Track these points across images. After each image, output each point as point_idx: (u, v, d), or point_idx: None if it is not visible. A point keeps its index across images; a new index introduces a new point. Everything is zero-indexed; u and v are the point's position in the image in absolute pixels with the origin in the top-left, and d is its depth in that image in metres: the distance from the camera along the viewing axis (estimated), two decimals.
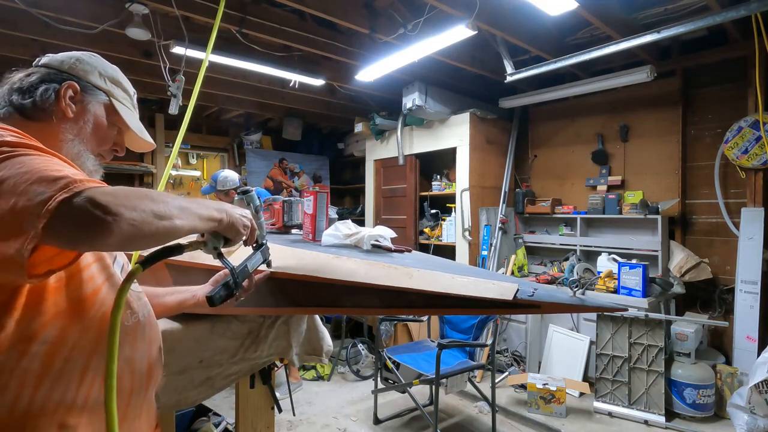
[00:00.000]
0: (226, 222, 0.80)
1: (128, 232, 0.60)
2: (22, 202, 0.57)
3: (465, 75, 4.15)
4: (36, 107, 0.81)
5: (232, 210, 0.82)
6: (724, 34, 3.17)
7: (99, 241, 0.60)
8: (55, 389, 0.67)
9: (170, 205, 0.67)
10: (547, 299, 0.90)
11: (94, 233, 0.58)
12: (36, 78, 0.84)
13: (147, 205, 0.62)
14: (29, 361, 0.66)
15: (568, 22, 3.17)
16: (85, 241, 0.60)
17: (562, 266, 3.79)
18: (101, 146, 0.90)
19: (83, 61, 0.90)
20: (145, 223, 0.62)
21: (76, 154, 0.84)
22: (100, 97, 0.89)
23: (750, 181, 3.09)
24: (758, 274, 2.95)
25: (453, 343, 2.73)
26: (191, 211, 0.71)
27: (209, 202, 0.80)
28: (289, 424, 2.87)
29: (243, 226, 0.84)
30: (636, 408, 2.95)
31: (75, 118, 0.84)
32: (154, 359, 0.87)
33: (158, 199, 0.65)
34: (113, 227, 0.58)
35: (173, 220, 0.66)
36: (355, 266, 1.19)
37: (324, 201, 1.67)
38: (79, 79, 0.87)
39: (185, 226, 0.69)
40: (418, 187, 4.55)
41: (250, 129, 5.46)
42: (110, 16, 2.73)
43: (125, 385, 0.77)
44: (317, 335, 1.38)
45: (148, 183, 4.83)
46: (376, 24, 3.03)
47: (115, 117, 0.91)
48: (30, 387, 0.65)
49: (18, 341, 0.65)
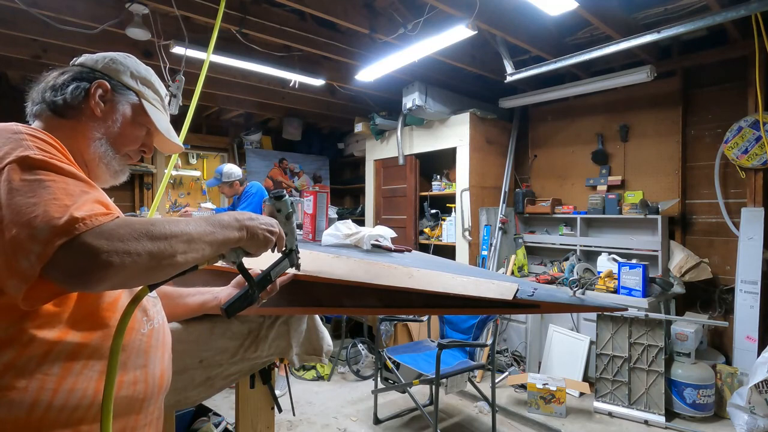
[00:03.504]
0: (246, 239, 0.78)
1: (120, 278, 0.61)
2: (23, 235, 0.58)
3: (465, 75, 4.15)
4: (67, 105, 0.82)
5: (254, 223, 0.79)
6: (724, 34, 3.17)
7: (91, 287, 0.61)
8: (73, 394, 0.67)
9: (174, 242, 0.66)
10: (547, 299, 0.90)
11: (84, 279, 0.59)
12: (68, 76, 0.84)
13: (144, 247, 0.62)
14: (49, 365, 0.66)
15: (568, 22, 3.17)
16: (77, 286, 0.62)
17: (562, 266, 3.79)
18: (129, 146, 0.90)
19: (116, 61, 0.90)
20: (138, 266, 0.61)
21: (102, 153, 0.84)
22: (131, 97, 0.89)
23: (750, 181, 3.09)
24: (758, 274, 2.94)
25: (453, 343, 2.73)
26: (203, 240, 0.70)
27: (230, 220, 0.77)
28: (289, 424, 2.87)
29: (267, 239, 0.81)
30: (636, 408, 2.95)
31: (103, 117, 0.85)
32: (166, 365, 0.87)
33: (160, 235, 0.64)
34: (103, 275, 0.59)
35: (175, 257, 0.66)
36: (355, 266, 1.19)
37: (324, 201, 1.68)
38: (111, 78, 0.87)
39: (190, 260, 0.69)
40: (418, 187, 4.55)
41: (250, 129, 5.46)
42: (110, 16, 2.73)
43: (139, 393, 0.77)
44: (317, 335, 1.38)
45: (148, 183, 4.84)
46: (376, 24, 3.03)
47: (144, 118, 0.90)
48: (49, 391, 0.65)
49: (38, 346, 0.66)
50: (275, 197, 0.90)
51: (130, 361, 0.76)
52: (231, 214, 0.78)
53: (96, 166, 0.85)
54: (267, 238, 0.81)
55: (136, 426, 0.77)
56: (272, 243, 0.83)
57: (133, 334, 0.77)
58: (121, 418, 0.73)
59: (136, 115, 0.89)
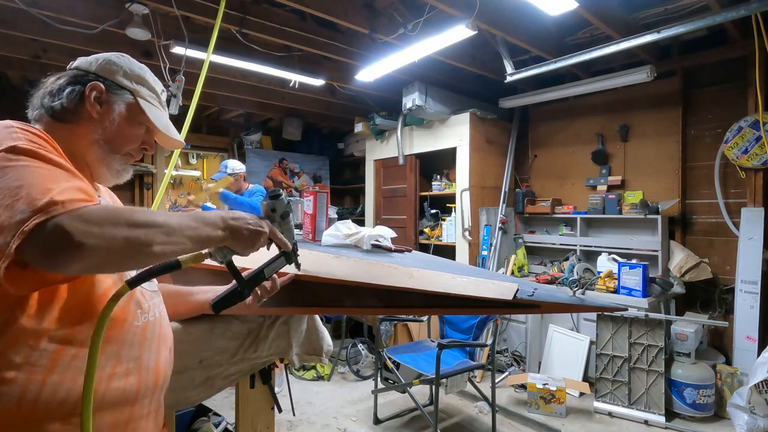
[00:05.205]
0: (231, 238, 0.78)
1: (92, 260, 0.61)
2: (3, 216, 0.60)
3: (465, 75, 4.15)
4: (64, 109, 0.83)
5: (239, 223, 0.79)
6: (724, 34, 3.17)
7: (62, 268, 0.61)
8: (62, 385, 0.68)
9: (154, 231, 0.66)
10: (547, 299, 0.91)
11: (56, 260, 0.60)
12: (64, 80, 0.85)
13: (120, 233, 0.63)
14: (38, 356, 0.67)
15: (568, 22, 3.17)
16: (50, 266, 0.61)
17: (562, 266, 3.79)
18: (128, 145, 0.90)
19: (110, 62, 0.90)
20: (113, 251, 0.62)
21: (102, 155, 0.86)
22: (126, 97, 0.89)
23: (750, 181, 3.09)
24: (758, 274, 2.94)
25: (453, 343, 2.73)
26: (184, 233, 0.70)
27: (215, 218, 0.77)
28: (289, 424, 2.87)
29: (252, 239, 0.81)
30: (636, 408, 2.95)
31: (100, 119, 0.85)
32: (164, 360, 0.86)
33: (140, 223, 0.65)
34: (75, 255, 0.59)
35: (152, 247, 0.66)
36: (355, 266, 1.19)
37: (324, 201, 1.68)
38: (105, 79, 0.88)
39: (168, 252, 0.69)
40: (418, 187, 4.55)
41: (250, 129, 5.46)
42: (110, 16, 2.73)
43: (131, 385, 0.77)
44: (317, 335, 1.38)
45: (148, 183, 4.84)
46: (376, 24, 3.03)
47: (141, 116, 0.90)
48: (37, 383, 0.66)
49: (29, 336, 0.66)
50: (271, 197, 0.90)
51: (123, 352, 0.76)
52: (218, 213, 0.78)
53: (98, 167, 0.86)
54: (252, 238, 0.81)
55: (131, 418, 0.77)
56: (259, 243, 0.83)
57: (126, 326, 0.77)
58: (114, 410, 0.73)
59: (133, 113, 0.89)
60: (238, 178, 3.86)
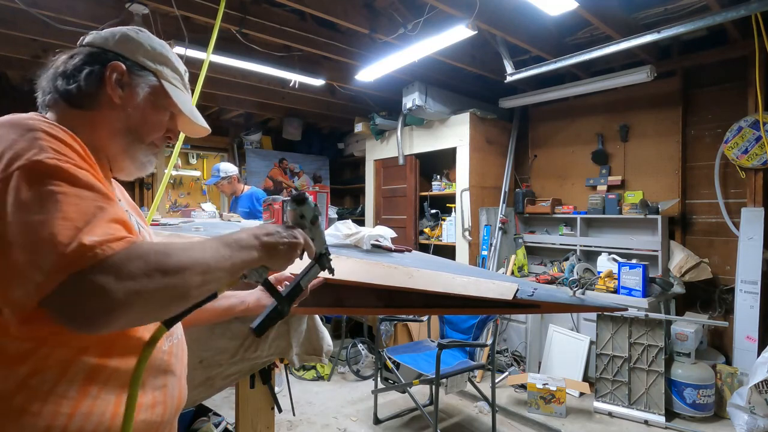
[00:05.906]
0: (267, 257, 0.72)
1: (128, 320, 0.56)
2: (22, 260, 0.53)
3: (465, 75, 4.15)
4: (82, 93, 0.73)
5: (273, 239, 0.73)
6: (724, 34, 3.17)
7: (95, 330, 0.54)
8: (90, 419, 0.61)
9: (189, 274, 0.60)
10: (547, 299, 0.91)
11: (87, 323, 0.53)
12: (79, 60, 0.75)
13: (156, 284, 0.56)
14: (66, 387, 0.60)
15: (568, 22, 3.17)
16: (78, 328, 0.55)
17: (562, 266, 3.79)
18: (153, 134, 0.81)
19: (129, 38, 0.79)
20: (149, 306, 0.57)
21: (126, 145, 0.77)
22: (149, 79, 0.79)
23: (750, 181, 3.09)
24: (758, 274, 2.94)
25: (453, 343, 2.73)
26: (220, 268, 0.65)
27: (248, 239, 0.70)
28: (289, 424, 2.87)
29: (289, 253, 0.75)
30: (636, 408, 2.95)
31: (123, 104, 0.75)
32: (184, 382, 0.82)
33: (175, 268, 0.58)
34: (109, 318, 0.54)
35: (189, 292, 0.61)
36: (355, 266, 1.19)
37: (324, 201, 1.68)
38: (126, 58, 0.77)
39: (205, 292, 0.64)
40: (418, 187, 4.55)
41: (250, 129, 5.46)
42: (110, 16, 2.73)
43: (158, 415, 0.71)
44: (317, 335, 1.38)
45: (148, 183, 4.84)
46: (376, 24, 3.03)
47: (166, 100, 0.81)
48: (64, 416, 0.59)
49: (54, 365, 0.60)
50: (296, 201, 0.81)
51: (149, 381, 0.70)
52: (249, 231, 0.72)
53: (121, 159, 0.78)
54: (289, 253, 0.75)
55: None
56: (296, 256, 0.77)
57: (154, 353, 0.70)
58: None
59: (158, 98, 0.80)
60: (232, 180, 3.85)
